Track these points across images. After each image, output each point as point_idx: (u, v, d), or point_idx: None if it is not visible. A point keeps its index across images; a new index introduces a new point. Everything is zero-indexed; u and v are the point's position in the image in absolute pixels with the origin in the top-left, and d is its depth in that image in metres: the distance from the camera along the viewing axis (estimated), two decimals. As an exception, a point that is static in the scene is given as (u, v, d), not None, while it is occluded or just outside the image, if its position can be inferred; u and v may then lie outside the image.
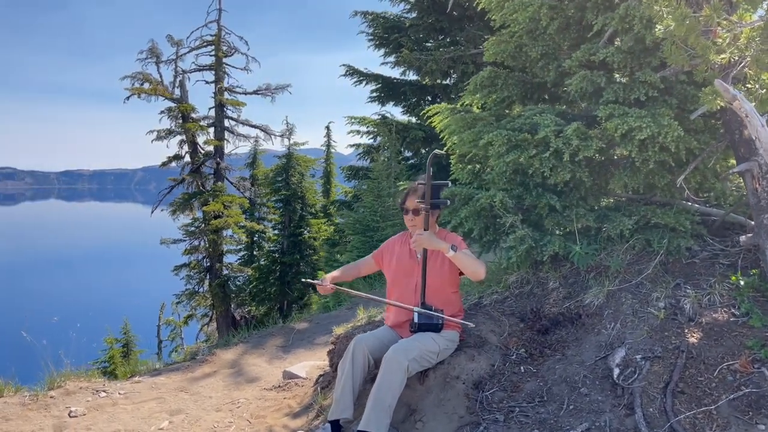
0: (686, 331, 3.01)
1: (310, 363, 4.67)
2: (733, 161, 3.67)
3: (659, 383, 2.78)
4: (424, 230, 3.10)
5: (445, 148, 4.53)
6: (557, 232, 3.80)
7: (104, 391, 4.26)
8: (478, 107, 4.71)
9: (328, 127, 24.78)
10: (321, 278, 3.38)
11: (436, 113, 4.66)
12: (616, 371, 2.92)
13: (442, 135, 4.50)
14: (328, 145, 24.91)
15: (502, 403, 2.99)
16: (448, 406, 3.03)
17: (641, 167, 3.52)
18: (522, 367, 3.21)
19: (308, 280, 3.52)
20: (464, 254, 3.04)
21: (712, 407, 2.60)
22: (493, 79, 4.24)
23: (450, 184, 3.48)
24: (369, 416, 2.81)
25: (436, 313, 3.12)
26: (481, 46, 5.14)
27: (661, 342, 2.99)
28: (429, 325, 3.14)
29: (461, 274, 3.23)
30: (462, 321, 3.19)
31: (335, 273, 3.52)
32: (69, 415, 3.83)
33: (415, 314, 3.13)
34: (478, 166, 4.38)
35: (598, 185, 3.89)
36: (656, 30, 2.96)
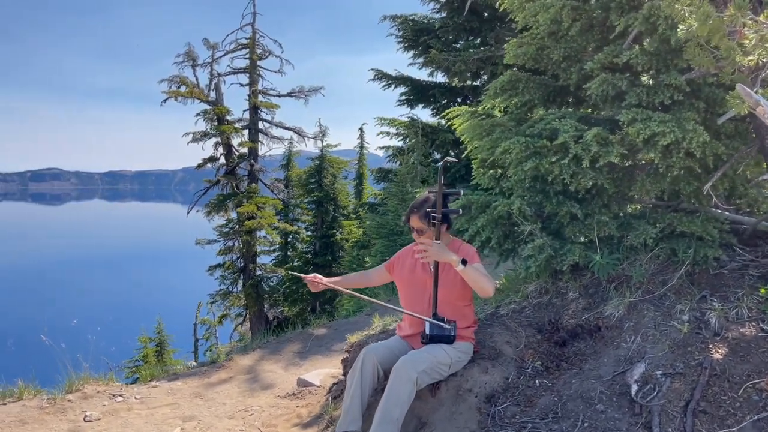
0: (710, 346, 2.86)
1: (324, 371, 4.63)
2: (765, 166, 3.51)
3: (679, 401, 2.65)
4: (435, 241, 3.03)
5: (465, 153, 4.45)
6: (579, 240, 3.68)
7: (121, 395, 4.31)
8: (500, 110, 4.61)
9: (361, 129, 24.88)
10: (312, 275, 3.32)
11: (457, 116, 4.58)
12: (634, 388, 2.80)
13: (462, 139, 4.42)
14: (362, 147, 24.99)
15: (515, 418, 2.90)
16: (460, 419, 2.96)
17: (665, 174, 3.38)
18: (537, 381, 3.11)
19: (296, 273, 3.48)
20: (474, 269, 2.96)
21: (735, 428, 2.46)
22: (514, 83, 4.14)
23: (462, 192, 3.40)
24: (376, 430, 2.75)
25: (448, 325, 3.05)
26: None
27: (684, 357, 2.86)
28: (441, 337, 3.07)
29: None
30: (469, 333, 3.12)
31: (335, 279, 3.48)
32: (84, 419, 3.88)
33: (427, 325, 3.07)
34: (500, 170, 4.28)
35: (622, 192, 3.75)
36: (678, 31, 2.83)
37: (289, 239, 23.12)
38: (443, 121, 11.32)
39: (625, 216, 3.76)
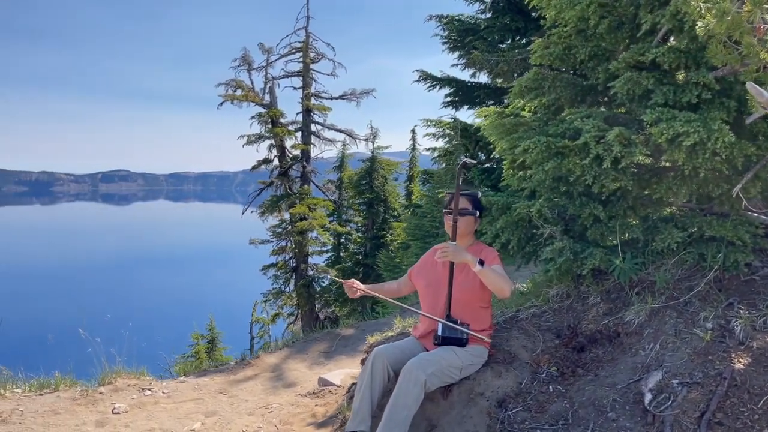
0: (733, 355, 2.74)
1: (345, 370, 4.67)
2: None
3: (694, 412, 2.55)
4: (451, 242, 3.03)
5: (493, 153, 4.41)
6: (603, 244, 3.58)
7: (149, 389, 4.47)
8: (529, 110, 4.54)
9: (413, 131, 24.88)
10: (351, 280, 3.36)
11: (486, 116, 4.54)
12: (648, 396, 2.71)
13: (489, 139, 4.38)
14: (413, 148, 24.99)
15: (524, 423, 2.85)
16: (469, 423, 2.93)
17: (692, 176, 3.25)
18: (551, 387, 3.05)
19: (337, 278, 3.51)
20: (491, 270, 2.94)
21: (751, 442, 2.36)
22: (540, 82, 4.06)
23: (479, 193, 3.38)
24: (382, 430, 2.77)
25: (460, 327, 3.03)
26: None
27: (703, 367, 2.75)
28: (453, 339, 3.06)
29: None
30: (482, 336, 3.09)
31: (372, 285, 3.50)
32: (112, 411, 4.05)
33: (439, 326, 3.07)
34: (529, 171, 4.22)
35: (649, 195, 3.63)
36: (698, 28, 2.72)
37: (341, 240, 23.40)
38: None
39: (652, 219, 3.64)
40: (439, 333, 3.07)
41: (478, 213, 3.30)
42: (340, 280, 3.28)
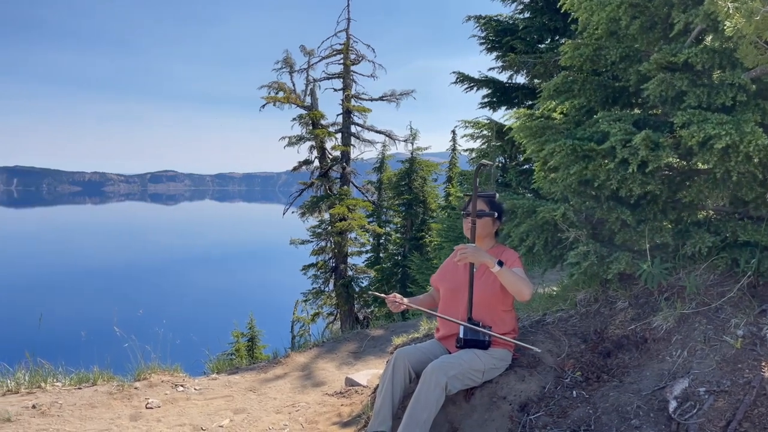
0: (763, 363, 2.67)
1: (372, 371, 4.71)
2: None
3: (720, 421, 2.50)
4: (470, 243, 3.04)
5: (523, 156, 4.38)
6: (631, 248, 3.52)
7: (182, 385, 4.60)
8: (561, 113, 4.48)
9: (453, 132, 24.78)
10: (392, 294, 3.34)
11: (517, 118, 4.50)
12: (673, 404, 2.66)
13: (520, 142, 4.34)
14: (453, 149, 24.89)
15: (546, 428, 2.83)
16: (491, 427, 2.93)
17: (724, 179, 3.17)
18: (574, 392, 3.02)
19: (378, 293, 3.48)
20: (510, 271, 2.94)
21: (778, 453, 2.29)
22: (569, 84, 4.01)
23: (497, 195, 3.36)
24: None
25: (483, 329, 3.03)
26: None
27: (732, 375, 2.68)
28: (475, 342, 3.06)
29: None
30: (511, 339, 3.07)
31: (413, 298, 3.50)
32: (146, 406, 4.19)
33: (461, 329, 3.07)
34: (552, 175, 4.17)
35: (680, 198, 3.55)
36: (726, 28, 2.66)
37: (381, 241, 23.49)
38: (527, 124, 11.01)
39: (684, 224, 3.55)
40: (461, 335, 3.07)
41: (496, 214, 3.28)
42: (382, 295, 3.26)
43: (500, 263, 2.95)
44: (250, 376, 5.11)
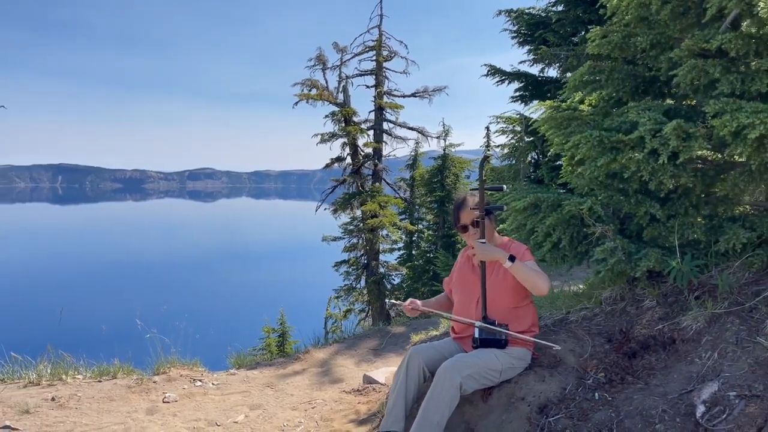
0: (800, 368, 2.50)
1: (390, 368, 4.63)
2: None
3: (751, 427, 2.34)
4: (479, 240, 2.93)
5: (551, 150, 4.23)
6: (660, 244, 3.35)
7: (200, 380, 4.60)
8: (589, 104, 4.32)
9: (487, 128, 24.44)
10: (408, 301, 3.26)
11: (543, 111, 4.36)
12: (701, 409, 2.51)
13: (544, 134, 4.20)
14: (487, 146, 24.56)
15: (565, 431, 2.71)
16: (508, 428, 2.82)
17: (760, 171, 2.99)
18: (596, 394, 2.88)
19: (393, 301, 3.41)
20: (523, 265, 2.82)
21: (813, 464, 2.13)
22: (595, 75, 3.85)
23: (505, 188, 3.22)
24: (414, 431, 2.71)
25: (498, 329, 2.92)
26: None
27: (765, 378, 2.51)
28: (491, 341, 2.95)
29: None
30: (529, 338, 2.96)
31: (428, 301, 3.42)
32: (163, 400, 4.19)
33: (476, 329, 2.96)
34: (580, 169, 4.02)
35: (714, 193, 3.37)
36: (760, 9, 2.49)
37: (413, 238, 23.37)
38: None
39: (718, 218, 3.37)
40: (476, 336, 2.96)
41: (485, 212, 3.10)
42: (399, 302, 3.20)
43: (512, 258, 2.84)
44: (268, 371, 5.08)
